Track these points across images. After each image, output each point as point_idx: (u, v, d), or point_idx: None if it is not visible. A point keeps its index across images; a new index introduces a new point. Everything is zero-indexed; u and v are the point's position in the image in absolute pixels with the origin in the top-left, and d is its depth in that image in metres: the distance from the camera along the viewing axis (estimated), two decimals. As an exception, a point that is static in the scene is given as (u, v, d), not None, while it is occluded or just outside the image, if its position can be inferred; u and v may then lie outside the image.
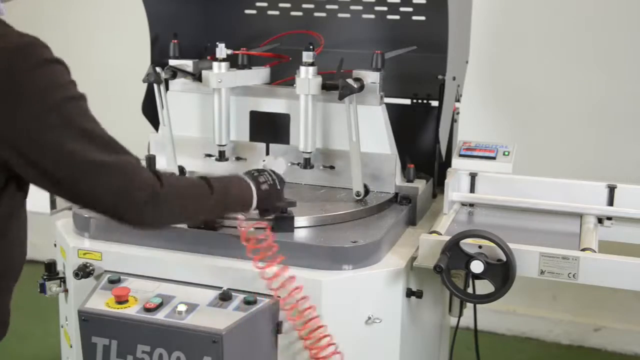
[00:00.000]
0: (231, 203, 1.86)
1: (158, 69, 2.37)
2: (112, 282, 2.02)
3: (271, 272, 1.90)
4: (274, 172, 2.00)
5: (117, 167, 1.50)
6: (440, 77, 2.42)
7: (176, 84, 2.52)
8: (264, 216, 2.01)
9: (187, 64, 2.43)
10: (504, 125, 3.73)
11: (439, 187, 2.54)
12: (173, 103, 2.48)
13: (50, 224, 2.31)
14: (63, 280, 2.19)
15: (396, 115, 2.51)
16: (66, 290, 2.19)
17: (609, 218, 2.30)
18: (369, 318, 1.98)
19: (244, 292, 1.95)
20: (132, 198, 1.53)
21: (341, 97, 2.22)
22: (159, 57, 2.63)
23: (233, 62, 2.45)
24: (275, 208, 2.00)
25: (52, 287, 2.17)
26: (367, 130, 2.30)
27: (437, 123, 2.48)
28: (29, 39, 1.41)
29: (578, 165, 3.47)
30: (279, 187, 1.97)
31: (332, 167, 2.43)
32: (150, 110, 2.59)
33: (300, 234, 2.08)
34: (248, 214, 1.95)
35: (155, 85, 2.41)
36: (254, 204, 1.89)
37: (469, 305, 2.39)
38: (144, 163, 2.29)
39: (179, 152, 2.49)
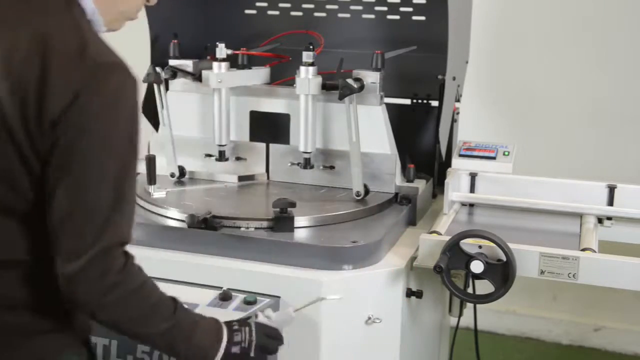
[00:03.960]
0: (186, 346, 1.55)
1: (158, 69, 2.37)
2: (112, 282, 2.01)
3: None
4: (261, 329, 1.70)
5: (122, 201, 1.43)
6: (440, 77, 2.42)
7: (176, 84, 2.52)
8: None
9: (187, 64, 2.43)
10: (504, 125, 3.73)
11: (439, 187, 2.54)
12: (173, 103, 2.48)
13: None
14: (63, 280, 2.18)
15: (396, 115, 2.51)
16: (66, 290, 2.19)
17: (609, 218, 2.30)
18: (369, 318, 1.98)
19: (244, 292, 1.95)
20: (90, 241, 1.40)
21: (341, 97, 2.22)
22: (159, 57, 2.63)
23: (233, 62, 2.45)
24: None
25: (52, 287, 2.17)
26: (367, 130, 2.30)
27: (437, 123, 2.48)
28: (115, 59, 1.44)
29: (578, 165, 3.46)
30: (252, 354, 1.64)
31: (332, 167, 2.43)
32: (150, 110, 2.59)
33: (300, 234, 2.08)
34: None
35: (155, 85, 2.41)
36: None
37: (469, 305, 2.39)
38: (143, 163, 2.31)
39: (179, 152, 2.49)
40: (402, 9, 2.68)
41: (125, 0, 1.57)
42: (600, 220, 2.29)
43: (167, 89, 2.49)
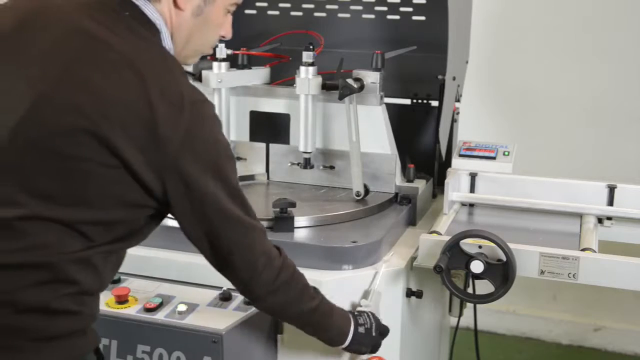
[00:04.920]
0: (325, 326, 1.80)
1: (158, 69, 2.37)
2: (112, 282, 2.01)
3: None
4: (373, 315, 1.91)
5: (255, 229, 1.59)
6: (440, 77, 2.42)
7: (176, 84, 2.52)
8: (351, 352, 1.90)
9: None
10: (504, 125, 3.73)
11: (439, 187, 2.54)
12: (173, 103, 2.48)
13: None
14: (63, 280, 2.19)
15: (396, 115, 2.51)
16: (66, 290, 2.19)
17: (609, 218, 2.30)
18: (369, 318, 1.98)
19: (244, 292, 1.95)
20: (255, 261, 1.60)
21: (341, 97, 2.22)
22: (159, 57, 2.63)
23: (233, 62, 2.46)
24: (364, 351, 1.89)
25: (52, 287, 2.17)
26: (367, 130, 2.30)
27: (437, 123, 2.48)
28: (202, 96, 1.50)
29: (578, 165, 3.46)
30: (374, 333, 1.88)
31: (332, 167, 2.43)
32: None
33: (300, 234, 2.08)
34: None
35: (155, 85, 2.41)
36: (347, 342, 1.83)
37: (469, 305, 2.39)
38: None
39: (179, 152, 2.48)
40: (402, 9, 2.68)
41: (200, 38, 1.60)
42: (600, 220, 2.29)
43: (167, 89, 2.48)
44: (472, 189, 2.39)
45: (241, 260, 1.59)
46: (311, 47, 2.32)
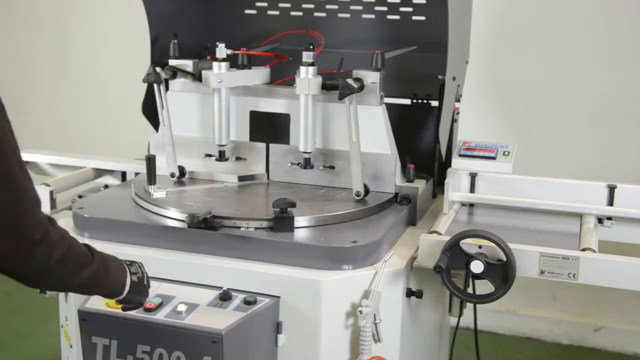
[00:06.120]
0: (105, 283, 1.68)
1: (158, 69, 2.37)
2: (112, 282, 2.02)
3: None
4: (141, 265, 1.82)
5: (28, 194, 1.42)
6: (440, 77, 2.42)
7: (176, 84, 2.53)
8: (125, 310, 1.84)
9: (187, 64, 2.43)
10: (504, 125, 3.73)
11: (439, 187, 2.54)
12: (173, 103, 2.48)
13: (50, 224, 2.31)
14: (63, 280, 2.19)
15: (396, 115, 2.51)
16: (66, 290, 2.19)
17: (609, 218, 2.30)
18: (369, 318, 1.98)
19: (244, 292, 1.96)
20: (25, 233, 1.42)
21: (341, 97, 2.22)
22: (159, 57, 2.64)
23: (233, 62, 2.46)
24: (138, 303, 1.80)
25: (52, 287, 2.17)
26: (367, 130, 2.30)
27: (437, 123, 2.48)
28: None
29: (578, 165, 3.47)
30: (145, 282, 1.80)
31: (332, 167, 2.43)
32: (150, 110, 2.59)
33: (300, 234, 2.08)
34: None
35: (155, 85, 2.41)
36: (126, 291, 1.72)
37: (469, 305, 2.39)
38: (143, 163, 2.32)
39: (179, 152, 2.49)
40: (402, 9, 2.69)
41: None
42: (600, 220, 2.29)
43: (167, 89, 2.49)
44: (472, 189, 2.39)
45: (5, 228, 1.39)
46: (311, 47, 2.32)
